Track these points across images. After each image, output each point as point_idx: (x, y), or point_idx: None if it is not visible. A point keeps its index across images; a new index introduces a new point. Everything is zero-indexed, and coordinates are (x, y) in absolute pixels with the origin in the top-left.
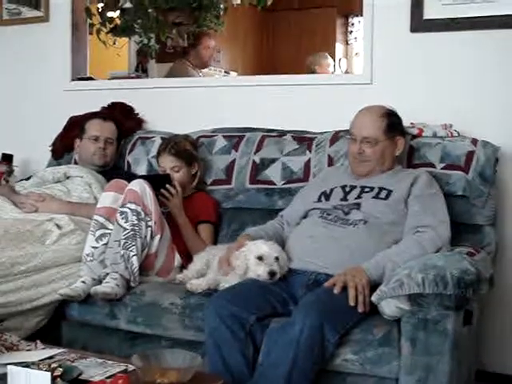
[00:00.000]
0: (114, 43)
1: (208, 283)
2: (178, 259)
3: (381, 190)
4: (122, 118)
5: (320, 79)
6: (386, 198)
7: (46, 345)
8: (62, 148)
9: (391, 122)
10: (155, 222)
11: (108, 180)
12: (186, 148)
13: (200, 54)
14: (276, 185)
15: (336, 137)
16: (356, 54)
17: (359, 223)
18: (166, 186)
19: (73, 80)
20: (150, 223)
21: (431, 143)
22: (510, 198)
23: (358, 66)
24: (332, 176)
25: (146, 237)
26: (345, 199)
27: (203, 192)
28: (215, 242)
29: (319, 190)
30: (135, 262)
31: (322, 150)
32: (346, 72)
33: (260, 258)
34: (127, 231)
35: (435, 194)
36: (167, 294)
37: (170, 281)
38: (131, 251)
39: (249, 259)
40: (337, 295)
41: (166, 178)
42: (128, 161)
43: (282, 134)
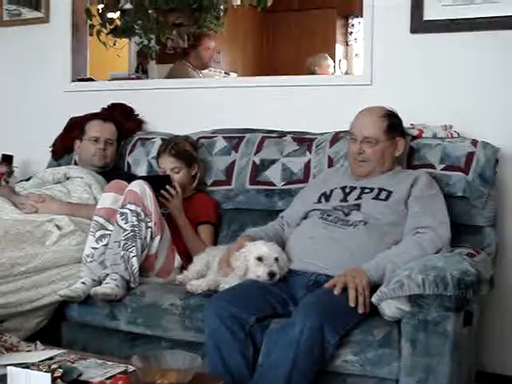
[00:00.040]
0: (115, 44)
1: (208, 284)
2: (178, 260)
3: (381, 190)
4: (122, 118)
5: (320, 80)
6: (386, 198)
7: (46, 346)
8: (62, 149)
9: (392, 123)
10: (155, 223)
11: (108, 181)
12: (186, 149)
13: (200, 54)
14: (276, 186)
15: (336, 138)
16: (356, 55)
17: (359, 224)
18: (166, 187)
19: (73, 81)
20: (149, 224)
21: (431, 144)
22: (510, 199)
23: (358, 67)
24: (332, 177)
25: (145, 238)
26: (345, 200)
27: (203, 193)
28: (215, 243)
29: (319, 191)
30: (135, 263)
31: (322, 151)
32: (346, 73)
33: (259, 259)
34: (127, 232)
35: (435, 195)
36: (167, 294)
37: (170, 282)
38: (131, 252)
39: (248, 260)
40: (337, 296)
41: (166, 179)
42: (128, 162)
43: (282, 134)
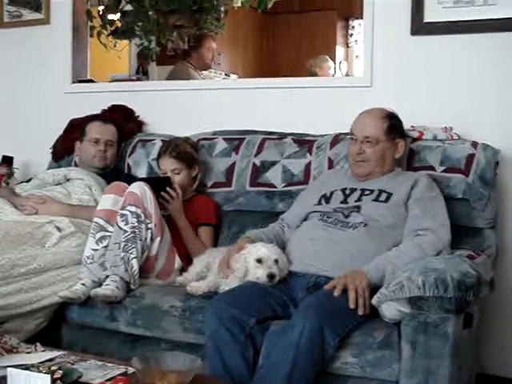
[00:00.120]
0: (115, 46)
1: (208, 286)
2: (178, 262)
3: (381, 192)
4: (123, 120)
5: (320, 82)
6: (386, 200)
7: (46, 347)
8: (63, 150)
9: (392, 124)
10: (155, 225)
11: (108, 182)
12: (187, 150)
13: (202, 55)
14: (276, 187)
15: (336, 139)
16: (356, 56)
17: (359, 226)
18: (167, 188)
19: (73, 82)
20: (150, 226)
21: (431, 146)
22: (511, 200)
23: (358, 69)
24: (332, 179)
25: (146, 239)
26: (345, 202)
27: (203, 194)
28: (215, 245)
29: (319, 193)
30: (135, 265)
31: (322, 153)
32: (347, 75)
33: (259, 261)
34: (127, 233)
35: (435, 197)
36: (167, 296)
37: (170, 283)
38: (131, 254)
39: (248, 262)
40: (337, 298)
41: (167, 181)
42: (128, 163)
43: (282, 136)
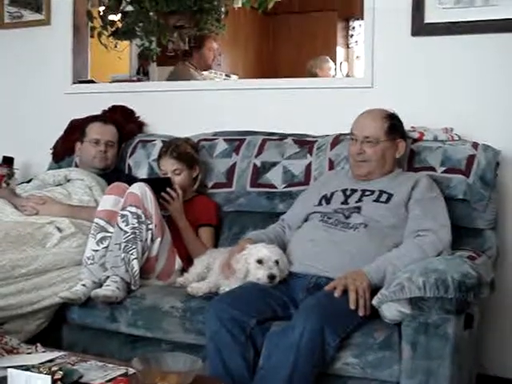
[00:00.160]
0: (116, 46)
1: (209, 286)
2: (178, 262)
3: (381, 193)
4: (123, 121)
5: (321, 83)
6: (387, 201)
7: (47, 348)
8: (63, 151)
9: (392, 124)
10: (156, 225)
11: (109, 183)
12: (187, 151)
13: (204, 55)
14: (277, 188)
15: (337, 140)
16: (357, 57)
17: (360, 227)
18: (167, 189)
19: (74, 83)
20: (150, 226)
21: (432, 147)
22: (511, 201)
23: (358, 70)
24: (333, 179)
25: (146, 240)
26: (345, 203)
27: (204, 195)
28: (216, 246)
29: (320, 194)
30: (136, 266)
31: (322, 154)
32: (347, 75)
33: (260, 262)
34: (128, 234)
35: (436, 198)
36: (168, 297)
37: (171, 284)
38: (132, 254)
39: (249, 263)
40: (337, 299)
41: (167, 182)
42: (129, 164)
43: (282, 137)
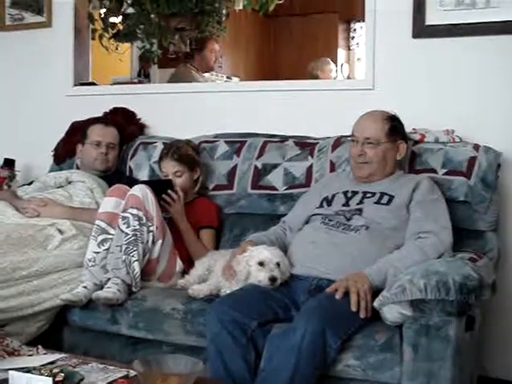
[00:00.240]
0: (117, 48)
1: (210, 288)
2: (179, 264)
3: (382, 195)
4: (124, 123)
5: (322, 85)
6: (388, 203)
7: (48, 350)
8: (64, 153)
9: (393, 126)
10: (157, 227)
11: (110, 185)
12: (189, 153)
13: (206, 57)
14: (278, 190)
15: (338, 142)
16: (358, 59)
17: (361, 229)
18: (168, 191)
19: (75, 85)
20: (151, 228)
21: (433, 149)
22: None
23: (360, 72)
24: (334, 181)
25: (147, 242)
26: (347, 205)
27: (205, 197)
28: (217, 248)
29: (321, 196)
30: (137, 268)
31: (324, 156)
32: (348, 77)
33: (261, 264)
34: (129, 236)
35: (437, 200)
36: (169, 299)
37: (172, 286)
38: (133, 256)
39: (250, 265)
40: (339, 301)
41: (168, 184)
42: (130, 166)
43: (283, 139)
